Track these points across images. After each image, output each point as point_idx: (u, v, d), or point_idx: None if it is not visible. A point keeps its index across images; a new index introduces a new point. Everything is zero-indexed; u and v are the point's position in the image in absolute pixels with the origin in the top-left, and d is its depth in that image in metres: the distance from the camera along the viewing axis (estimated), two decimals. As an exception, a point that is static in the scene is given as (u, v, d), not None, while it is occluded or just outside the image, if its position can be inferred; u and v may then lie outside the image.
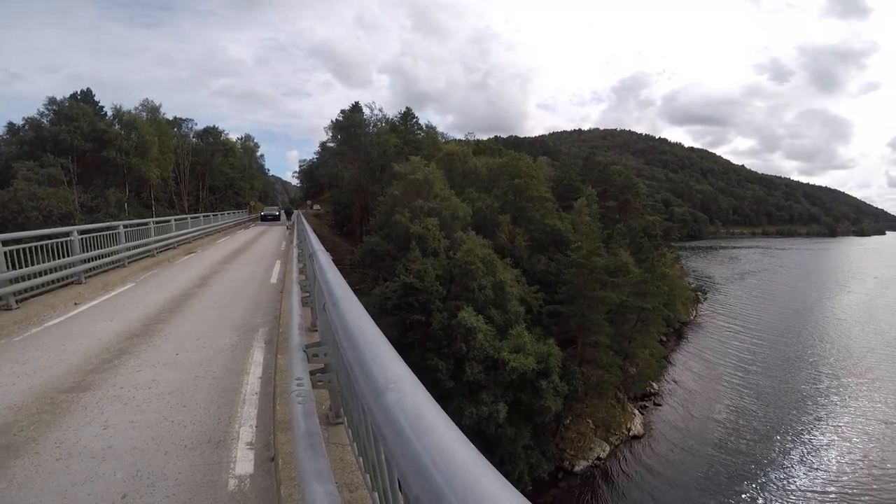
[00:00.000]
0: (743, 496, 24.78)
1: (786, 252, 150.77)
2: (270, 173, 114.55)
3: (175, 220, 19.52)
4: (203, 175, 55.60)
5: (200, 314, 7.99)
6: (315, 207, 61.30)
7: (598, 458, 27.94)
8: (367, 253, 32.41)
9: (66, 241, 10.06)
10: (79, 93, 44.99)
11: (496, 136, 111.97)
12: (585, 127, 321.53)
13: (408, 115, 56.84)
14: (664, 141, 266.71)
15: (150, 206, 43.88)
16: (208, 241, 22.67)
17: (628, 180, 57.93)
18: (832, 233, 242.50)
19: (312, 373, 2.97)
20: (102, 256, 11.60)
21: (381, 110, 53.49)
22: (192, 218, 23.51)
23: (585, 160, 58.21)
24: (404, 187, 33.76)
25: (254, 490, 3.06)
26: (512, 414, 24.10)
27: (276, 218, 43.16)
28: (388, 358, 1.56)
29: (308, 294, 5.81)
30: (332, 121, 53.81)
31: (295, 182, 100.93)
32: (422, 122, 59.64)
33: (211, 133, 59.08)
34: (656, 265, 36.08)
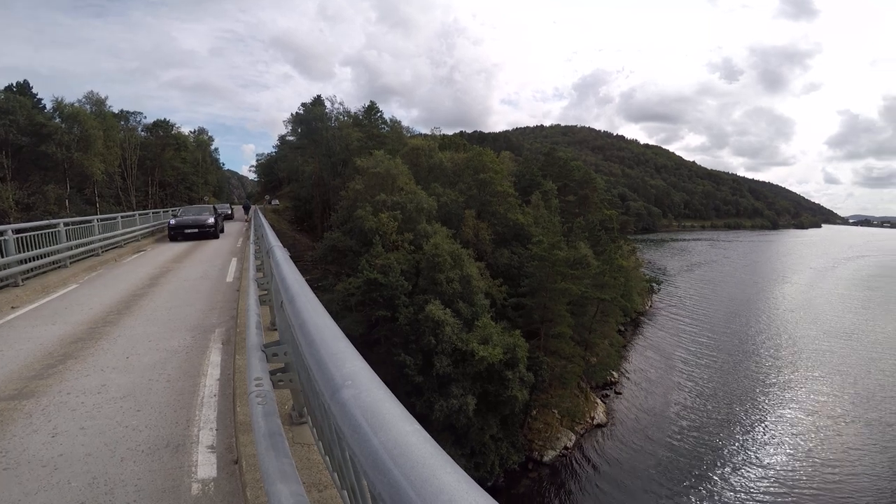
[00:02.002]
0: (700, 478, 26.23)
1: (732, 244, 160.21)
2: (226, 167, 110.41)
3: (122, 217, 18.51)
4: (153, 170, 53.00)
5: (151, 315, 7.64)
6: (274, 202, 59.50)
7: (566, 448, 28.85)
8: (328, 249, 31.83)
9: (1, 241, 9.42)
10: (14, 85, 41.98)
11: (461, 132, 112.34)
12: (547, 123, 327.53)
13: (372, 109, 56.11)
14: (621, 138, 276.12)
15: (94, 203, 41.48)
16: (158, 239, 21.60)
17: (587, 175, 59.61)
18: (774, 226, 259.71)
19: (273, 372, 2.91)
20: (41, 257, 10.88)
21: (342, 104, 52.86)
22: (140, 215, 22.42)
23: (546, 156, 59.28)
24: (367, 181, 33.33)
25: (219, 493, 2.99)
26: (480, 406, 24.46)
27: (207, 230, 20.40)
28: (344, 354, 1.56)
29: (266, 292, 5.67)
30: (292, 114, 52.62)
31: (252, 176, 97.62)
32: (386, 116, 59.05)
33: (161, 126, 56.73)
34: (614, 257, 37.39)
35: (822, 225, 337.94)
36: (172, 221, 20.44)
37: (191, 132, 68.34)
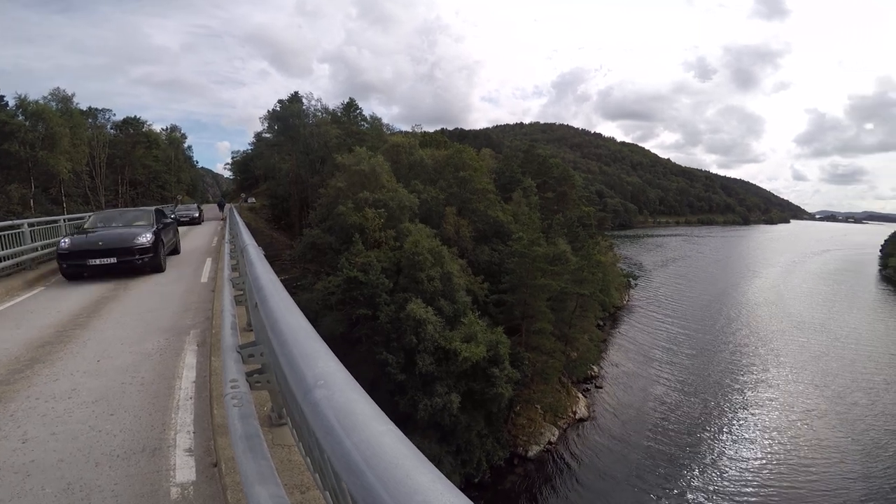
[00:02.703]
0: (681, 469, 26.99)
1: (705, 239, 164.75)
2: (200, 165, 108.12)
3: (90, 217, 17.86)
4: (122, 168, 51.61)
5: (123, 318, 7.43)
6: (250, 200, 58.40)
7: (550, 443, 29.28)
8: (308, 247, 31.40)
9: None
10: (-27, 83, 40.43)
11: (442, 129, 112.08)
12: (527, 120, 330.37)
13: (351, 106, 55.61)
14: (599, 135, 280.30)
15: (60, 203, 40.06)
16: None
17: (565, 173, 60.27)
18: (745, 221, 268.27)
19: (249, 374, 2.86)
20: (4, 259, 10.47)
21: (320, 101, 52.30)
22: (111, 214, 21.67)
23: (526, 153, 59.70)
24: (349, 179, 32.97)
25: (199, 497, 2.95)
26: (465, 403, 24.56)
27: (133, 260, 10.78)
28: (317, 354, 1.55)
29: (242, 292, 5.59)
30: (268, 111, 51.79)
31: (228, 174, 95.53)
32: (366, 113, 58.67)
33: (131, 124, 55.81)
34: (592, 253, 38.00)
35: (791, 220, 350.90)
36: (65, 243, 10.55)
37: (163, 129, 67.31)
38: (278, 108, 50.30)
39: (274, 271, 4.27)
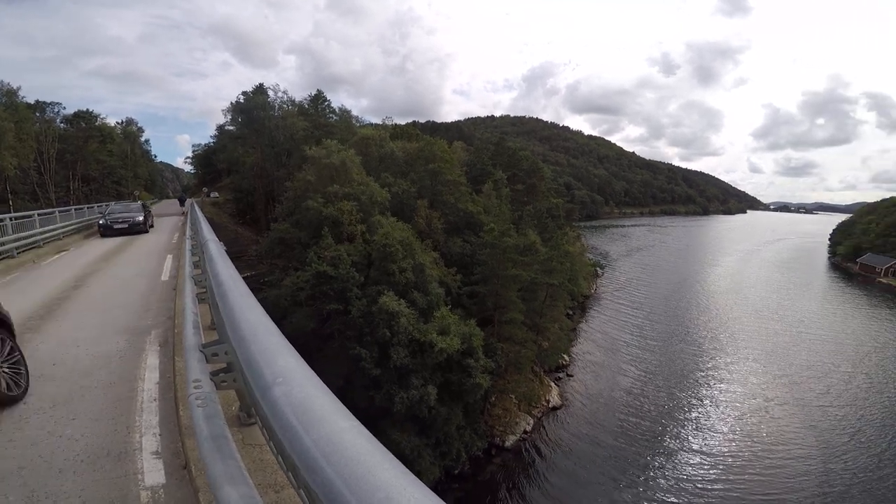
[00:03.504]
0: (652, 457, 27.83)
1: (667, 229, 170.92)
2: (158, 160, 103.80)
3: (39, 214, 16.91)
4: (74, 164, 49.14)
5: (79, 320, 7.12)
6: (213, 195, 56.52)
7: (525, 432, 29.76)
8: (275, 242, 30.62)
9: None
10: None
11: (414, 121, 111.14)
12: (498, 113, 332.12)
13: (319, 98, 54.44)
14: (567, 129, 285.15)
15: (6, 201, 37.85)
16: (84, 238, 19.92)
17: (535, 165, 61.00)
18: (705, 212, 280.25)
19: (214, 373, 2.82)
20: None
21: (286, 93, 51.00)
22: (61, 212, 20.63)
23: (496, 146, 60.04)
24: (318, 172, 32.27)
25: (171, 500, 2.93)
26: (442, 395, 24.61)
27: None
28: (276, 351, 1.53)
29: (205, 290, 5.46)
30: (231, 103, 50.08)
31: (188, 168, 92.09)
32: (335, 105, 57.53)
33: (83, 118, 53.37)
34: (560, 243, 38.60)
35: (747, 211, 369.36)
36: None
37: (118, 123, 64.64)
38: (242, 101, 48.66)
39: (235, 267, 4.17)
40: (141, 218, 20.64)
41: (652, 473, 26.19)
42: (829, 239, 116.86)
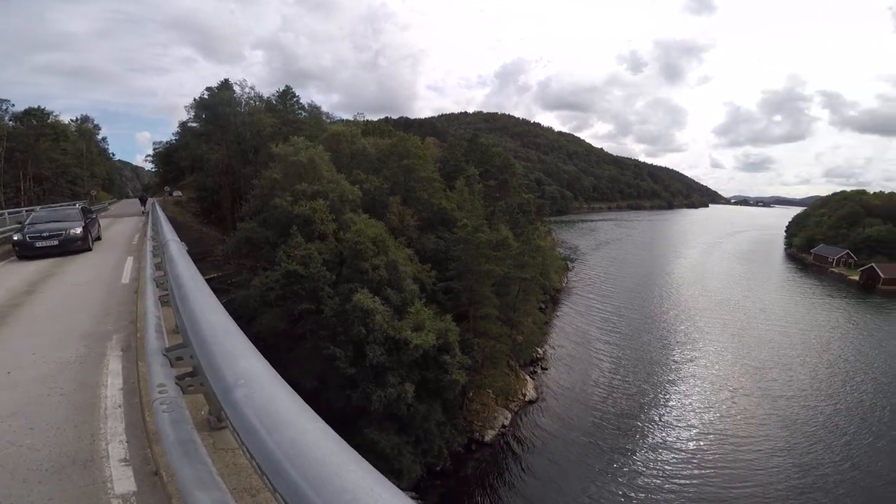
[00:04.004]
0: (625, 448, 28.54)
1: (634, 223, 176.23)
2: (117, 158, 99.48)
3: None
4: (24, 163, 46.35)
5: (33, 326, 6.77)
6: (175, 194, 54.57)
7: (504, 426, 30.09)
8: (242, 241, 29.74)
9: None
10: None
11: (387, 117, 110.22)
12: (471, 110, 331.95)
13: (287, 94, 53.19)
14: (538, 125, 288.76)
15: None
16: None
17: (507, 161, 61.62)
18: (670, 206, 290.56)
19: (180, 377, 2.75)
20: None
21: (253, 88, 49.61)
22: (10, 213, 19.47)
23: (470, 142, 60.25)
24: (285, 169, 31.54)
25: None
26: (420, 392, 24.53)
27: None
28: (238, 353, 1.50)
29: (167, 292, 5.32)
30: (195, 99, 48.30)
31: (149, 166, 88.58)
32: (304, 101, 56.34)
33: (34, 115, 50.45)
34: (532, 238, 39.16)
35: (709, 205, 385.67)
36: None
37: (72, 120, 62.22)
38: (206, 96, 47.07)
39: (197, 268, 4.06)
40: (78, 230, 14.08)
41: (626, 465, 26.89)
42: (785, 231, 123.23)
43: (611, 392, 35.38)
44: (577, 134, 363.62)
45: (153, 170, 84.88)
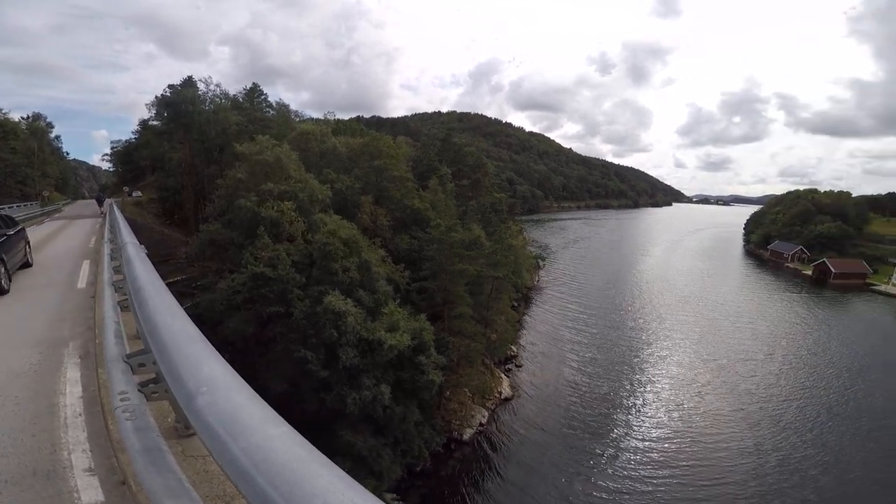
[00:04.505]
0: (598, 439, 29.27)
1: (602, 222, 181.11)
2: (71, 157, 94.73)
3: None
4: (-31, 164, 43.46)
5: (-24, 335, 6.31)
6: (135, 194, 52.37)
7: (481, 424, 30.32)
8: (206, 243, 28.73)
9: None
10: None
11: (359, 116, 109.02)
12: (445, 109, 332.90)
13: (254, 91, 51.75)
14: (509, 125, 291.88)
15: None
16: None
17: (479, 161, 62.05)
18: (636, 205, 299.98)
19: (143, 384, 2.67)
20: None
21: (219, 86, 48.26)
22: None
23: (443, 141, 60.33)
24: (251, 169, 30.70)
25: None
26: (397, 393, 24.37)
27: None
28: (200, 359, 1.46)
29: (127, 297, 5.08)
30: (157, 96, 46.48)
31: (107, 166, 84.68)
32: (272, 99, 54.97)
33: None
34: (504, 237, 39.60)
35: (673, 203, 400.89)
36: None
37: (22, 118, 58.49)
38: (169, 94, 45.41)
39: (159, 271, 3.90)
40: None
41: (600, 460, 27.48)
42: (744, 228, 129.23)
43: (583, 388, 36.11)
44: (547, 134, 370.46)
45: (111, 169, 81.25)
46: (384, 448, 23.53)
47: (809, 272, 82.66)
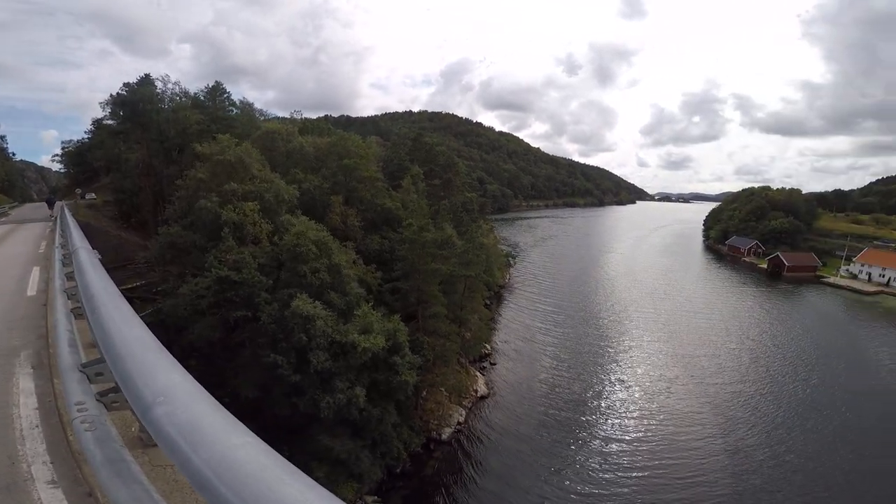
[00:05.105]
0: (572, 435, 29.89)
1: (569, 220, 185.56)
2: (18, 158, 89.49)
3: None
4: None
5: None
6: (89, 196, 49.75)
7: (459, 423, 30.47)
8: (166, 247, 27.51)
9: None
10: None
11: (326, 115, 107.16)
12: (416, 108, 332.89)
13: (217, 90, 50.13)
14: (480, 125, 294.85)
15: None
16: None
17: (450, 160, 62.25)
18: (601, 203, 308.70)
19: (102, 393, 2.58)
20: None
21: (178, 84, 46.85)
22: None
23: (414, 141, 60.22)
24: (212, 169, 29.65)
25: None
26: (372, 395, 24.13)
27: None
28: (156, 368, 1.40)
29: (80, 304, 4.84)
30: (112, 95, 44.54)
31: (58, 167, 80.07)
32: (235, 97, 53.49)
33: None
34: (475, 236, 39.86)
35: (636, 201, 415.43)
36: None
37: None
38: (125, 92, 43.56)
39: (115, 277, 3.74)
40: None
41: (575, 455, 28.06)
42: (703, 225, 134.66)
43: (556, 384, 36.78)
44: (516, 133, 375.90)
45: (62, 171, 76.89)
46: (363, 450, 23.32)
47: (765, 266, 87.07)
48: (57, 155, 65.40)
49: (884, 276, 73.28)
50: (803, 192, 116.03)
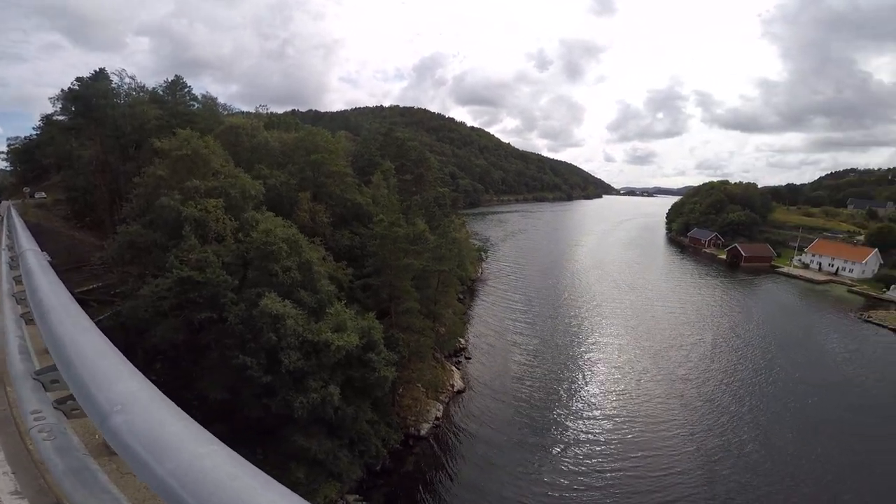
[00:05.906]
0: (547, 428, 30.35)
1: (538, 214, 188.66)
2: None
3: None
4: None
5: None
6: (38, 195, 46.98)
7: (437, 418, 30.51)
8: (125, 246, 26.22)
9: None
10: None
11: (294, 110, 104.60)
12: (387, 103, 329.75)
13: (177, 84, 48.16)
14: (452, 120, 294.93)
15: None
16: None
17: (422, 155, 61.91)
18: (569, 197, 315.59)
19: (61, 401, 2.44)
20: None
21: (134, 78, 45.00)
22: None
23: (385, 136, 59.61)
24: (172, 165, 28.44)
25: None
26: (347, 393, 23.81)
27: None
28: (112, 374, 1.33)
29: (30, 309, 4.59)
30: (63, 89, 42.44)
31: (3, 165, 75.25)
32: (197, 91, 51.58)
33: None
34: (448, 231, 39.82)
35: (603, 196, 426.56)
36: None
37: None
38: (77, 87, 41.40)
39: (61, 281, 3.54)
40: None
41: (550, 450, 28.45)
42: (666, 218, 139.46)
43: (530, 377, 37.41)
44: (487, 129, 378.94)
45: (8, 169, 72.32)
46: (340, 449, 23.06)
47: (724, 256, 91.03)
48: (2, 152, 61.54)
49: (833, 265, 77.73)
50: (759, 186, 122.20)
